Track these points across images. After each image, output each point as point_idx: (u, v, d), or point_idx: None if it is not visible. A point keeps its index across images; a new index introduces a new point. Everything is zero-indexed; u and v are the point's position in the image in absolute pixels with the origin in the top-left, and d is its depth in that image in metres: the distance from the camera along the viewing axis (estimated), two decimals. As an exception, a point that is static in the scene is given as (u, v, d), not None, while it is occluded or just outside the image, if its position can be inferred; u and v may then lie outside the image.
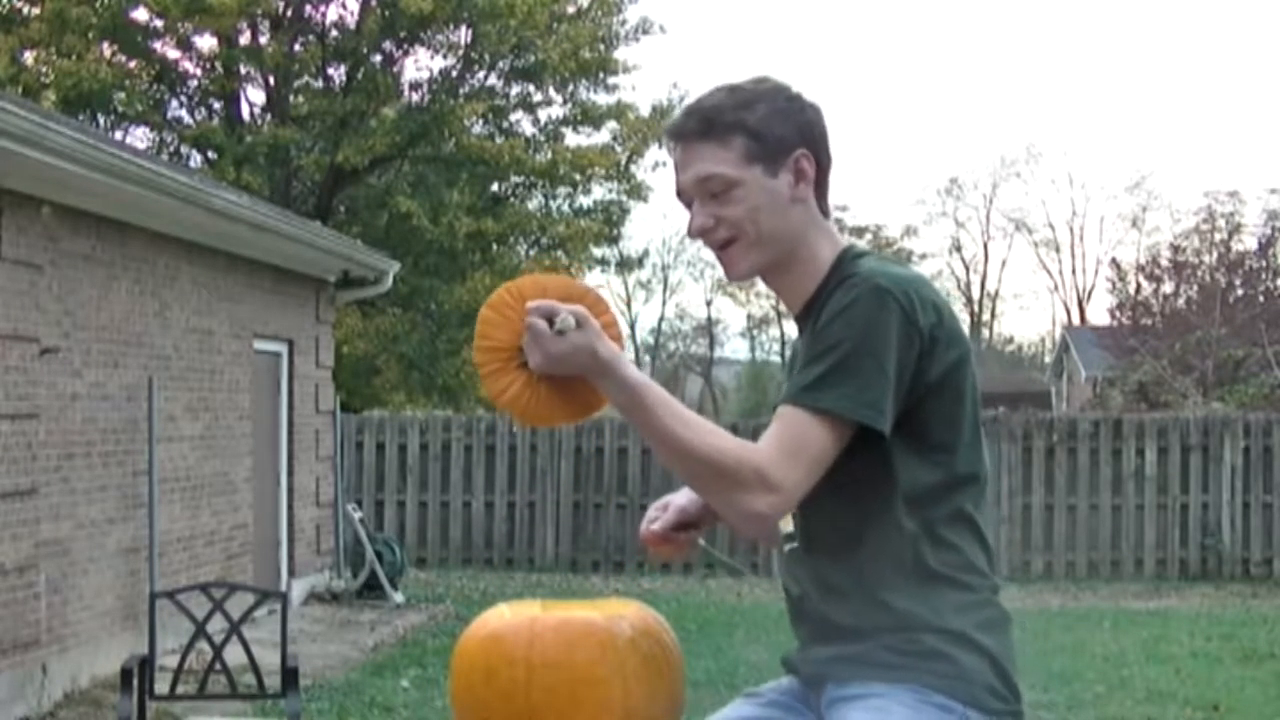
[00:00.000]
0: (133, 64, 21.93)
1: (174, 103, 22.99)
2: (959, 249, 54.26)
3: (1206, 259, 27.47)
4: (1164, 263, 28.46)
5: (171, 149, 22.69)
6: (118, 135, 21.47)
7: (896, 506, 2.31)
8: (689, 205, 2.41)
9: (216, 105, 23.07)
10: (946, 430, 2.33)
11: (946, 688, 2.27)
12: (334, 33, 22.33)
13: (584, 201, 23.51)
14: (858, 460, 2.28)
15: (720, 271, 2.53)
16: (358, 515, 13.41)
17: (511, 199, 23.35)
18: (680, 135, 2.41)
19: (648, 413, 2.23)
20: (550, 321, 2.24)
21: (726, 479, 2.20)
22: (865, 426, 2.22)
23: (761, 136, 2.36)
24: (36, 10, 21.03)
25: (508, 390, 2.31)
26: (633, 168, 23.14)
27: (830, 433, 2.22)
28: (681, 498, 2.73)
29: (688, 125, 2.40)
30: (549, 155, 22.33)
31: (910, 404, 2.27)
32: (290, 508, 12.22)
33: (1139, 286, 28.75)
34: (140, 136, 22.88)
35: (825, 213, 2.44)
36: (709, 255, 2.56)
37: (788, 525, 2.46)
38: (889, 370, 2.22)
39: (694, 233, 2.42)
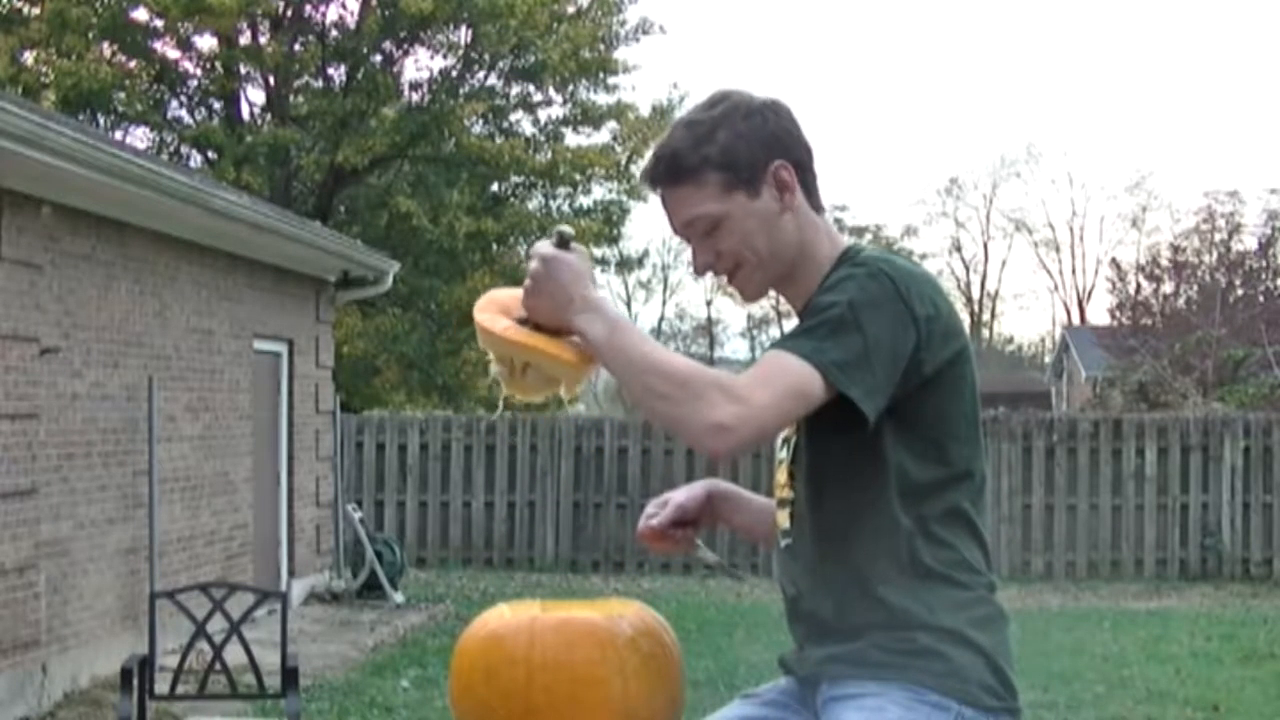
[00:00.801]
0: (133, 64, 21.93)
1: (174, 103, 22.99)
2: (959, 249, 54.36)
3: (1206, 259, 27.48)
4: (1164, 263, 28.48)
5: (171, 149, 22.68)
6: (118, 135, 21.46)
7: (891, 502, 2.30)
8: (689, 241, 2.43)
9: (216, 105, 23.06)
10: (942, 426, 2.32)
11: (941, 686, 2.27)
12: (334, 33, 22.33)
13: (584, 201, 23.52)
14: (851, 453, 2.29)
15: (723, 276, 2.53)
16: (358, 515, 13.41)
17: (511, 199, 23.36)
18: (654, 184, 2.42)
19: (626, 337, 2.25)
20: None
21: (690, 389, 2.17)
22: (844, 395, 2.19)
23: (731, 165, 2.35)
24: (36, 10, 21.03)
25: (498, 323, 2.37)
26: (633, 168, 23.10)
27: (803, 376, 2.18)
28: (680, 495, 2.73)
29: (657, 173, 2.41)
30: (549, 155, 22.33)
31: (904, 397, 2.26)
32: (290, 508, 12.22)
33: (1139, 286, 28.77)
34: (140, 136, 22.88)
35: (818, 208, 2.44)
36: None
37: (784, 522, 2.46)
38: (874, 348, 2.21)
39: (699, 271, 2.45)
